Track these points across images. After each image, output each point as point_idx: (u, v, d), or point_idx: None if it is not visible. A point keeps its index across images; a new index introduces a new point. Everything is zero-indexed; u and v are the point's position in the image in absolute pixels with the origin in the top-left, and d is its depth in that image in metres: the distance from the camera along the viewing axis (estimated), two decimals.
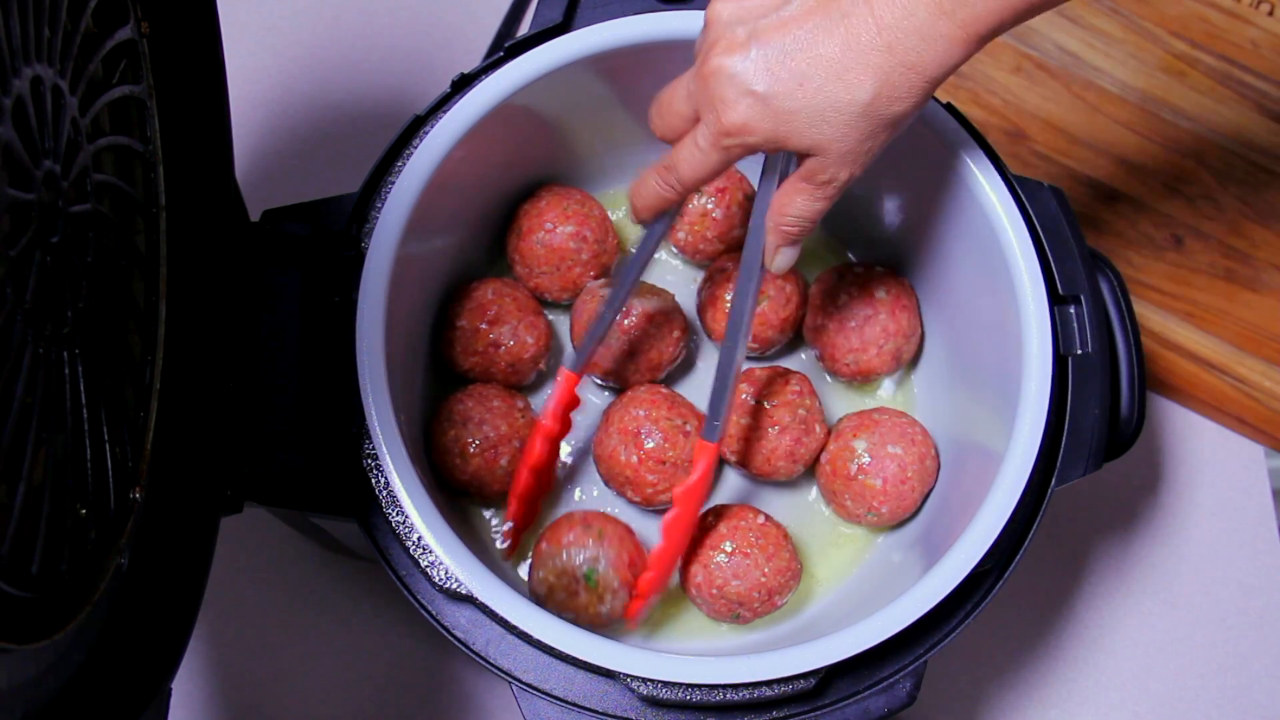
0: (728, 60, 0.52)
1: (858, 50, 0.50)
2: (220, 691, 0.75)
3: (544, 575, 0.64)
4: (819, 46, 0.51)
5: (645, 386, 0.69)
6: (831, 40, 0.50)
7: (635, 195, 0.60)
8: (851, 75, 0.50)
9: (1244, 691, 0.77)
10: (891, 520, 0.68)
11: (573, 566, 0.63)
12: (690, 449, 0.66)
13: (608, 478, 0.69)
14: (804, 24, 0.51)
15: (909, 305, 0.71)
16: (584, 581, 0.63)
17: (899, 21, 0.50)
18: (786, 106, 0.51)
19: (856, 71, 0.50)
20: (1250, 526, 0.80)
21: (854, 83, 0.51)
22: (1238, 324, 0.82)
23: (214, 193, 0.60)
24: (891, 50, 0.50)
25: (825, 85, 0.51)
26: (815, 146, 0.53)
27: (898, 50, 0.50)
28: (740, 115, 0.52)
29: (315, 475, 0.60)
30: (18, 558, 0.43)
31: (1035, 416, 0.60)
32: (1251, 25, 0.84)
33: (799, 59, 0.51)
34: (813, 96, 0.51)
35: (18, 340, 0.43)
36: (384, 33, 0.89)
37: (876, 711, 0.59)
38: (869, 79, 0.50)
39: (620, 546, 0.64)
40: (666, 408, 0.67)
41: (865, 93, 0.51)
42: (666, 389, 0.70)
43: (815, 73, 0.51)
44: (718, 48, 0.52)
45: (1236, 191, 0.83)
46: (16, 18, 0.41)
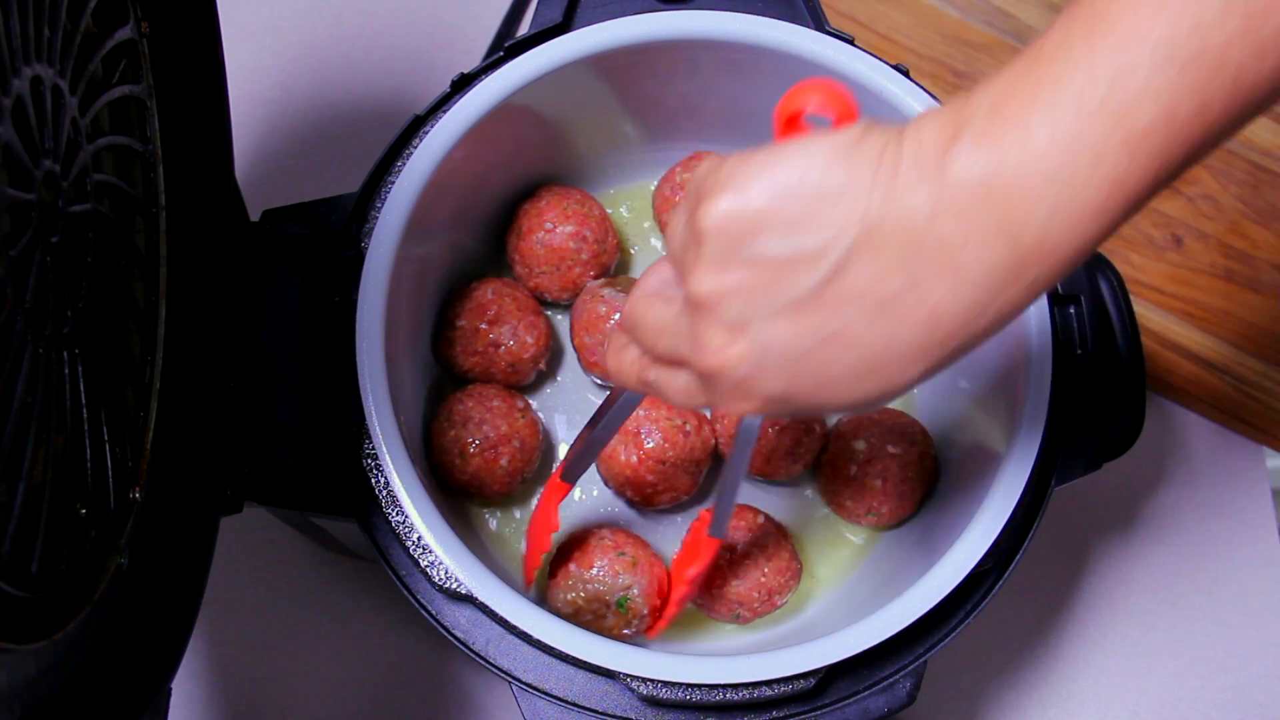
0: (729, 361, 0.41)
1: (904, 347, 0.40)
2: (220, 691, 0.75)
3: (571, 597, 0.64)
4: (850, 345, 0.40)
5: None
6: (868, 335, 0.39)
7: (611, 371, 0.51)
8: (893, 370, 0.40)
9: (1244, 691, 0.77)
10: (891, 520, 0.68)
11: (605, 593, 0.64)
12: (689, 448, 0.66)
13: (607, 478, 0.69)
14: (829, 315, 0.39)
15: None
16: (615, 607, 0.64)
17: (965, 312, 0.39)
18: (808, 403, 0.42)
19: (900, 366, 0.40)
20: (1250, 526, 0.80)
21: (894, 376, 0.40)
22: (1238, 324, 0.82)
23: (214, 193, 0.60)
24: (949, 341, 0.39)
25: (858, 383, 0.41)
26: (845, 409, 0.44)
27: (956, 340, 0.39)
28: (748, 410, 0.43)
29: (315, 475, 0.60)
30: (18, 558, 0.43)
31: (1035, 416, 0.60)
32: None
33: (823, 358, 0.40)
34: (841, 394, 0.41)
35: (18, 340, 0.43)
36: (384, 33, 0.89)
37: (876, 711, 0.59)
38: (916, 371, 0.40)
39: (651, 574, 0.65)
40: (666, 408, 0.67)
41: (905, 382, 0.41)
42: None
43: (844, 372, 0.40)
44: (713, 334, 0.42)
45: (1236, 191, 0.83)
46: (16, 18, 0.41)
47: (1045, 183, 0.37)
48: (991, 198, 0.37)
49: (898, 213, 0.38)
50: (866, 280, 0.39)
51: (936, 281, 0.38)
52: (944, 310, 0.39)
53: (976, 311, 0.39)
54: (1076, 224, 0.37)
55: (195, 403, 0.58)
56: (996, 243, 0.37)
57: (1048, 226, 0.37)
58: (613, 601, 0.64)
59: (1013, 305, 0.39)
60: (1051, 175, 0.36)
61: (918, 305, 0.39)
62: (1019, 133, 0.37)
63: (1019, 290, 0.38)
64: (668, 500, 0.67)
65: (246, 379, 0.60)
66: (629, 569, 0.65)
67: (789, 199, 0.39)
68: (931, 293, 0.38)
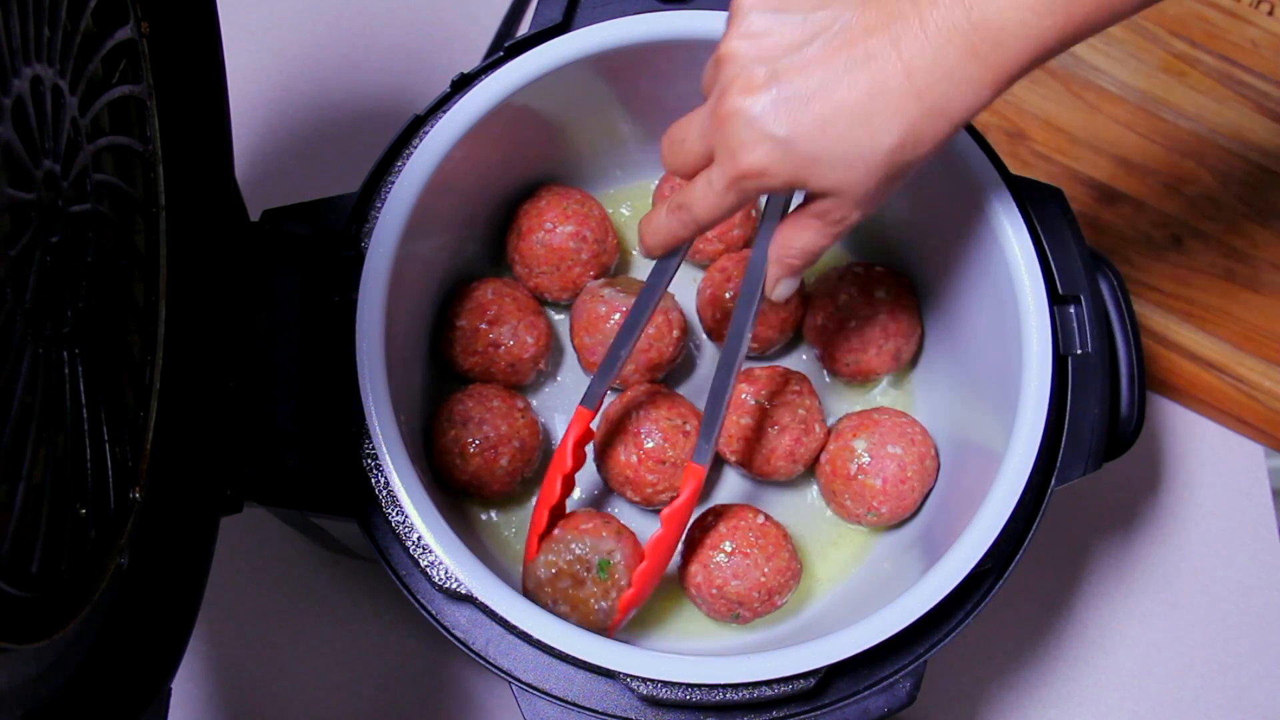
0: (745, 102, 0.50)
1: (884, 96, 0.48)
2: (220, 691, 0.75)
3: (553, 559, 0.64)
4: (843, 90, 0.48)
5: (645, 386, 0.69)
6: (856, 84, 0.48)
7: (646, 232, 0.58)
8: (877, 121, 0.49)
9: (1244, 691, 0.77)
10: (891, 520, 0.68)
11: (588, 554, 0.63)
12: (689, 448, 0.66)
13: (607, 478, 0.69)
14: (827, 66, 0.49)
15: (909, 305, 0.71)
16: (596, 571, 0.63)
17: (929, 66, 0.48)
18: (807, 151, 0.50)
19: (883, 118, 0.49)
20: (1250, 526, 0.80)
21: (879, 129, 0.49)
22: (1238, 324, 0.82)
23: (214, 193, 0.60)
24: (920, 96, 0.48)
25: (849, 131, 0.49)
26: (834, 189, 0.51)
27: (926, 96, 0.48)
28: (759, 159, 0.50)
29: (315, 475, 0.60)
30: (18, 558, 0.43)
31: (1035, 416, 0.60)
32: (1251, 25, 0.84)
33: (822, 103, 0.49)
34: (835, 142, 0.49)
35: (18, 340, 0.43)
36: (384, 33, 0.89)
37: (876, 711, 0.59)
38: (896, 125, 0.49)
39: (634, 549, 0.65)
40: (666, 407, 0.67)
41: (891, 139, 0.49)
42: (666, 389, 0.70)
43: (839, 118, 0.49)
44: (734, 87, 0.50)
45: (1236, 191, 0.83)
46: (16, 18, 0.41)
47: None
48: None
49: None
50: (859, 38, 0.49)
51: (908, 38, 0.48)
52: (914, 63, 0.48)
53: (940, 69, 0.48)
54: (1019, 12, 0.47)
55: (195, 403, 0.58)
56: (956, 10, 0.47)
57: (996, 6, 0.47)
58: (595, 564, 0.63)
59: (973, 77, 0.48)
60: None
61: (895, 58, 0.48)
62: None
63: (975, 62, 0.48)
64: (667, 500, 0.67)
65: (246, 379, 0.60)
66: (614, 535, 0.64)
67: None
68: (905, 47, 0.48)
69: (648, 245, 0.59)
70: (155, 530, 0.54)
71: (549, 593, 0.63)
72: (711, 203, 0.54)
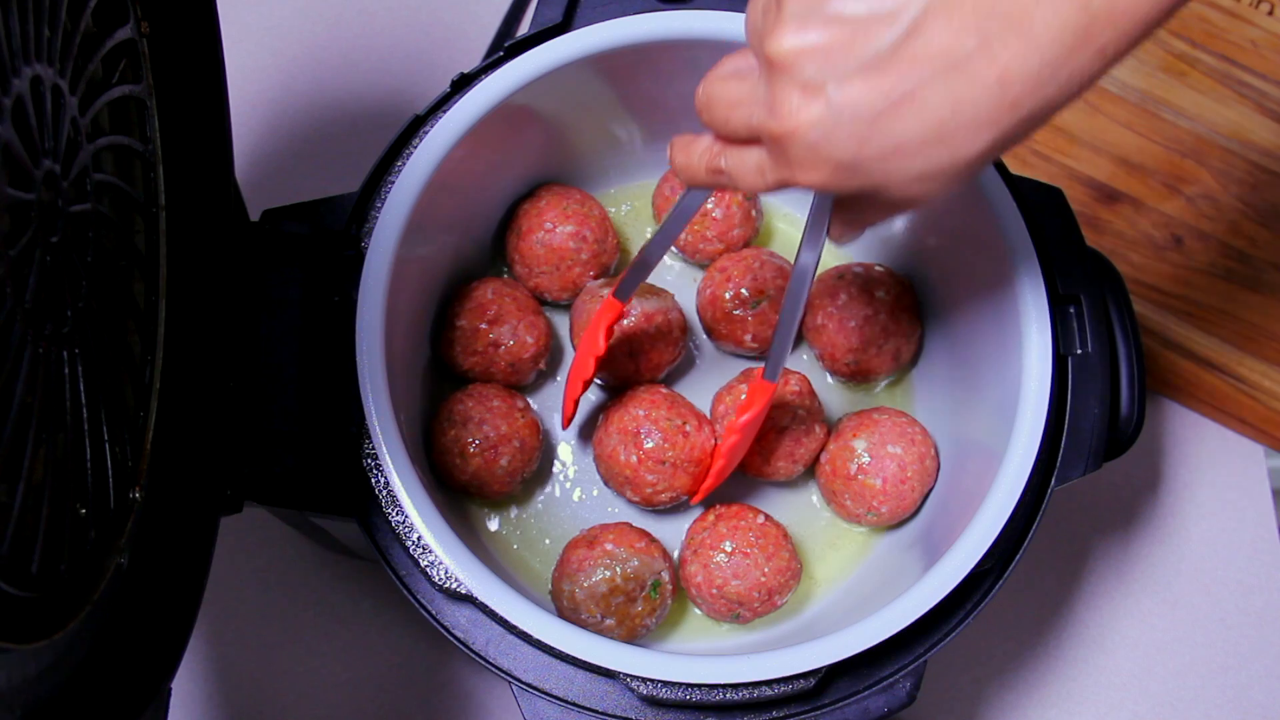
0: (801, 121, 0.42)
1: (971, 109, 0.40)
2: (220, 691, 0.75)
3: (609, 575, 0.64)
4: (919, 105, 0.40)
5: (645, 386, 0.69)
6: (936, 98, 0.40)
7: (679, 167, 0.51)
8: (960, 137, 0.41)
9: (1244, 691, 0.77)
10: (891, 520, 0.68)
11: (643, 572, 0.64)
12: (689, 448, 0.66)
13: (607, 478, 0.69)
14: (900, 73, 0.40)
15: (909, 305, 0.71)
16: (648, 590, 0.64)
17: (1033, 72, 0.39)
18: (876, 173, 0.43)
19: (968, 133, 0.41)
20: (1250, 526, 0.80)
21: (962, 145, 0.41)
22: (1238, 324, 0.82)
23: (214, 193, 0.60)
24: (1017, 106, 0.40)
25: (925, 149, 0.41)
26: (904, 202, 0.45)
27: (1025, 104, 0.40)
28: (819, 179, 0.44)
29: (315, 475, 0.60)
30: (18, 557, 0.43)
31: (1035, 416, 0.60)
32: (1251, 25, 0.84)
33: (894, 121, 0.41)
34: (909, 162, 0.42)
35: (18, 340, 0.43)
36: (384, 33, 0.89)
37: (876, 711, 0.59)
38: (984, 139, 0.41)
39: (673, 575, 0.66)
40: (666, 407, 0.67)
41: (976, 152, 0.41)
42: (666, 389, 0.70)
43: (916, 136, 0.41)
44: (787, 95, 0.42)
45: (1236, 191, 0.83)
46: (16, 17, 0.41)
47: None
48: None
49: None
50: (939, 40, 0.39)
51: (1007, 41, 0.39)
52: (1014, 71, 0.39)
53: (1046, 75, 0.39)
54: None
55: (195, 403, 0.58)
56: (1067, 3, 0.38)
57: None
58: (649, 583, 0.64)
59: (1082, 73, 0.40)
60: None
61: (988, 66, 0.39)
62: None
63: (1088, 56, 0.39)
64: (667, 500, 0.67)
65: (246, 379, 0.60)
66: (661, 555, 0.66)
67: None
68: (1002, 52, 0.39)
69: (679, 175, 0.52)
70: (155, 530, 0.54)
71: (597, 609, 0.64)
72: (758, 185, 0.47)
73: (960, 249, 0.68)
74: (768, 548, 0.65)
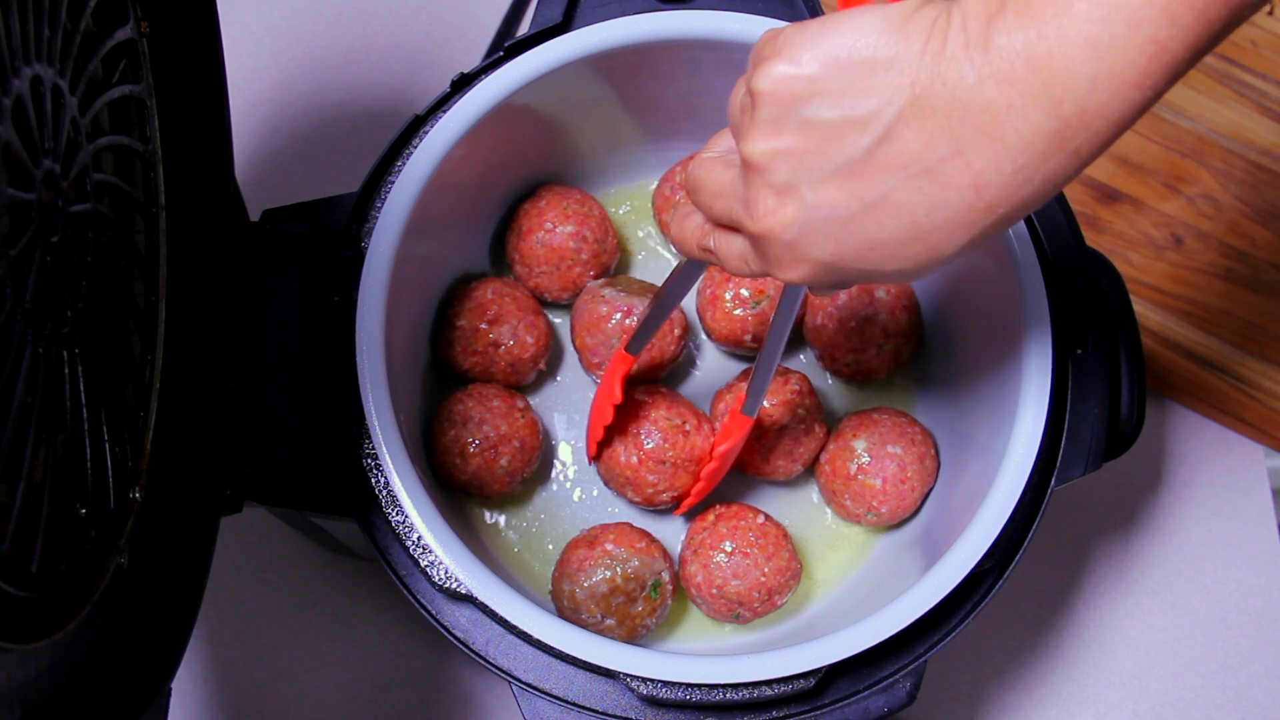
0: (779, 224, 0.43)
1: (946, 212, 0.40)
2: (220, 691, 0.75)
3: (609, 575, 0.64)
4: (893, 209, 0.41)
5: (644, 387, 0.69)
6: (912, 202, 0.40)
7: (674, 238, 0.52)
8: (937, 238, 0.41)
9: (1244, 691, 0.77)
10: (891, 520, 0.68)
11: (644, 572, 0.64)
12: (690, 448, 0.66)
13: (608, 478, 0.69)
14: (874, 177, 0.40)
15: (909, 305, 0.71)
16: (648, 590, 0.64)
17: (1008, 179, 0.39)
18: (854, 269, 0.43)
19: (944, 234, 0.41)
20: (1250, 526, 0.80)
21: (939, 245, 0.41)
22: (1238, 324, 0.82)
23: (214, 193, 0.60)
24: (992, 209, 0.40)
25: (902, 249, 0.42)
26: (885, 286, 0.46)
27: (1000, 207, 0.40)
28: (798, 276, 0.45)
29: (315, 475, 0.60)
30: (18, 557, 0.43)
31: (1035, 416, 0.60)
32: (1251, 25, 0.84)
33: (869, 223, 0.41)
34: (886, 260, 0.42)
35: (18, 340, 0.43)
36: (384, 33, 0.89)
37: (876, 711, 0.59)
38: (960, 239, 0.41)
39: (673, 576, 0.66)
40: (665, 407, 0.67)
41: (953, 250, 0.42)
42: (666, 389, 0.70)
43: (891, 238, 0.41)
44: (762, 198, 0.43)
45: (1236, 191, 0.83)
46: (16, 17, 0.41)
47: (1085, 51, 0.37)
48: (1034, 66, 0.37)
49: (945, 81, 0.39)
50: (913, 146, 0.40)
51: (981, 148, 0.39)
52: (988, 177, 0.39)
53: (1021, 179, 0.39)
54: (1118, 91, 0.38)
55: (195, 403, 0.58)
56: (1039, 110, 0.38)
57: (1089, 94, 0.37)
58: (649, 583, 0.64)
59: (1057, 174, 0.39)
60: (1091, 43, 0.37)
61: (962, 171, 0.39)
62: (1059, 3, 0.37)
63: (1063, 159, 0.39)
64: (668, 500, 0.67)
65: (246, 379, 0.60)
66: (661, 555, 0.66)
67: (842, 66, 0.40)
68: (976, 159, 0.39)
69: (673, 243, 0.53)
70: (155, 530, 0.54)
71: (600, 606, 0.64)
72: (744, 273, 0.48)
73: None
74: (768, 548, 0.65)
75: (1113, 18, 0.37)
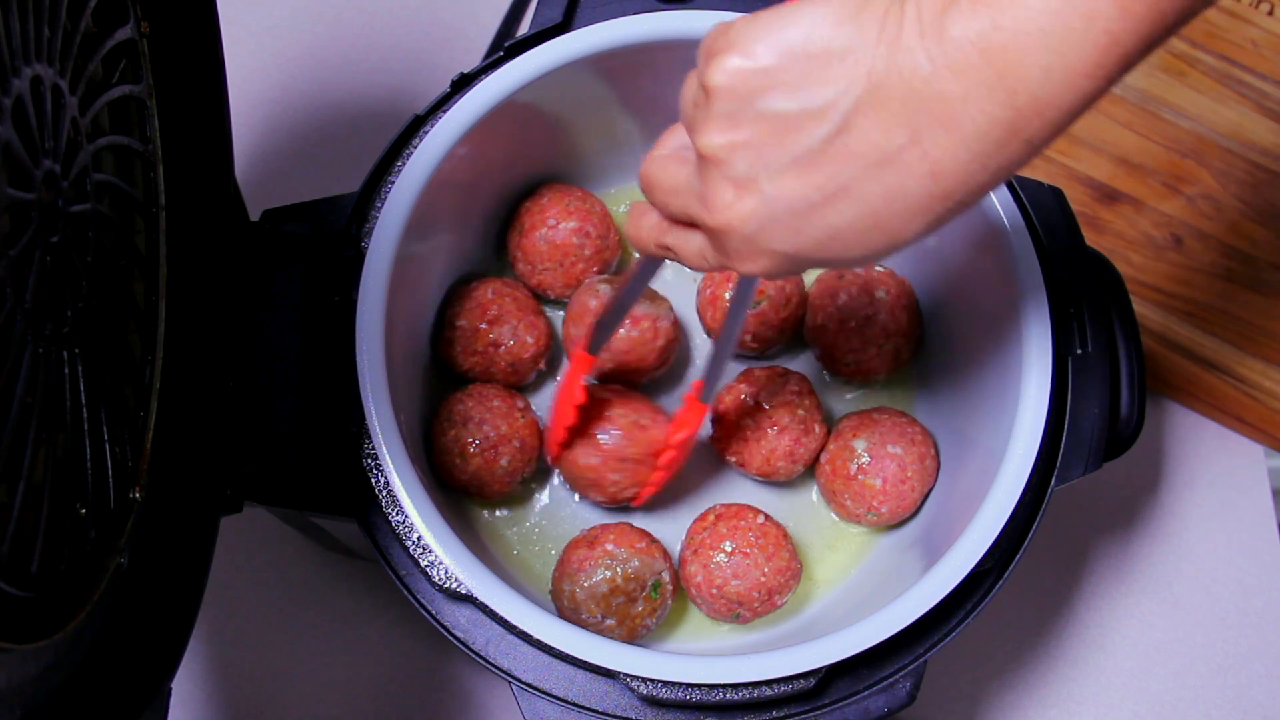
0: (737, 217, 0.43)
1: (903, 200, 0.40)
2: (220, 691, 0.75)
3: (610, 575, 0.64)
4: (854, 199, 0.41)
5: (599, 386, 0.69)
6: (870, 191, 0.41)
7: (631, 237, 0.53)
8: (895, 225, 0.41)
9: (1244, 691, 0.77)
10: (891, 520, 0.68)
11: (644, 572, 0.64)
12: (650, 442, 0.66)
13: (572, 483, 0.69)
14: (831, 167, 0.41)
15: (909, 305, 0.71)
16: (648, 590, 0.64)
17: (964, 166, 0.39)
18: (813, 258, 0.43)
19: (901, 221, 0.41)
20: (1250, 526, 0.80)
21: (897, 231, 0.42)
22: (1238, 324, 0.82)
23: (214, 193, 0.60)
24: (949, 196, 0.40)
25: (860, 238, 0.42)
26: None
27: (957, 194, 0.40)
28: (758, 268, 0.45)
29: (315, 475, 0.60)
30: (18, 557, 0.43)
31: (1035, 416, 0.60)
32: (1251, 25, 0.84)
33: (829, 214, 0.41)
34: (845, 249, 0.42)
35: (18, 340, 0.43)
36: (384, 33, 0.89)
37: (876, 711, 0.59)
38: (917, 226, 0.41)
39: (673, 575, 0.66)
40: (620, 404, 0.67)
41: (910, 236, 0.42)
42: (622, 386, 0.69)
43: (850, 227, 0.41)
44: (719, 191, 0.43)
45: (1236, 191, 0.83)
46: (16, 17, 0.41)
47: (1039, 41, 0.37)
48: (988, 57, 0.38)
49: (901, 71, 0.39)
50: (870, 136, 0.40)
51: (937, 137, 0.39)
52: (945, 165, 0.40)
53: (977, 166, 0.40)
54: (1071, 81, 0.38)
55: (195, 403, 0.58)
56: (994, 99, 0.38)
57: (1043, 85, 0.38)
58: (649, 583, 0.64)
59: (1011, 161, 0.40)
60: (1045, 34, 0.37)
61: (920, 160, 0.40)
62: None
63: (1017, 146, 0.39)
64: (632, 497, 0.67)
65: (246, 379, 0.60)
66: (661, 555, 0.66)
67: (796, 57, 0.40)
68: (933, 147, 0.39)
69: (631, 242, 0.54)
70: (155, 530, 0.54)
71: (601, 606, 0.64)
72: (702, 268, 0.49)
73: (960, 249, 0.68)
74: (768, 548, 0.65)
75: (1066, 10, 0.37)
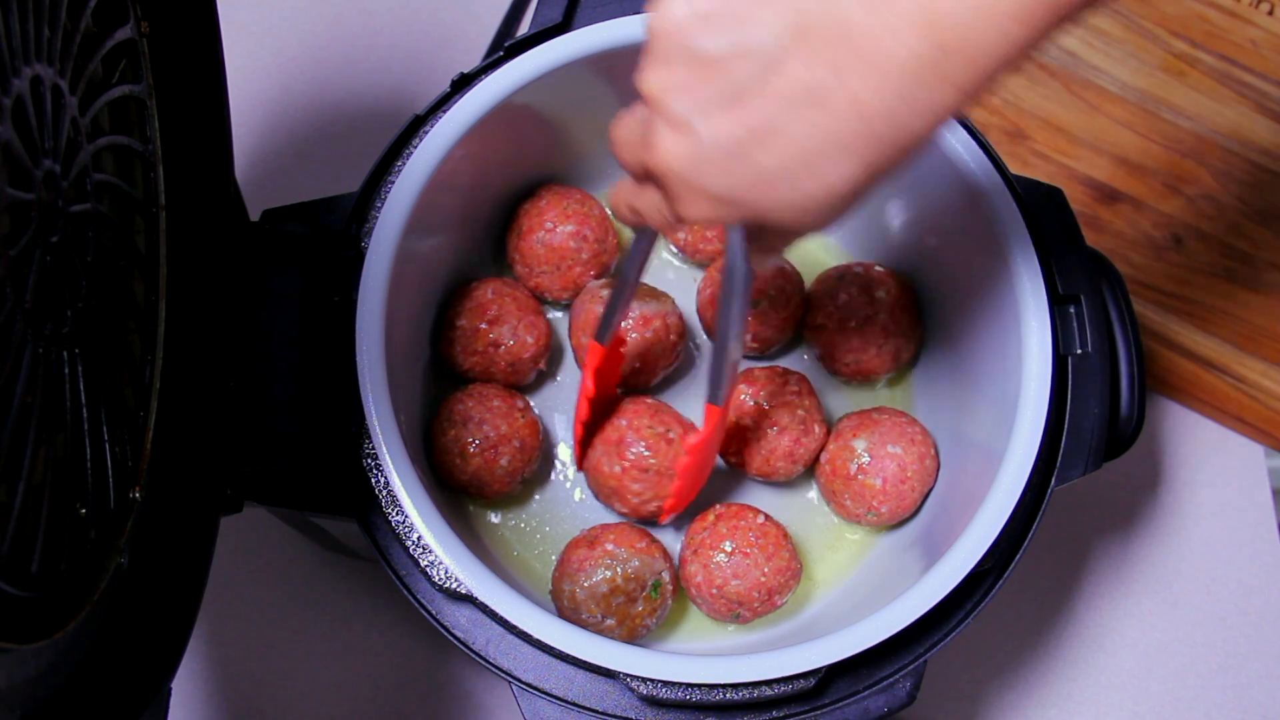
0: (673, 157, 0.44)
1: (832, 138, 0.41)
2: (220, 691, 0.75)
3: (610, 575, 0.64)
4: (781, 138, 0.42)
5: (630, 398, 0.69)
6: (796, 130, 0.41)
7: (614, 211, 0.55)
8: (826, 167, 0.42)
9: (1244, 691, 0.77)
10: (891, 520, 0.68)
11: (644, 572, 0.64)
12: (674, 455, 0.66)
13: (595, 490, 0.69)
14: (761, 107, 0.41)
15: (909, 305, 0.71)
16: (648, 590, 0.64)
17: (889, 103, 0.40)
18: (750, 202, 0.44)
19: (832, 163, 0.42)
20: (1250, 526, 0.80)
21: (829, 174, 0.42)
22: (1238, 324, 0.82)
23: (214, 193, 0.60)
24: (878, 136, 0.41)
25: (793, 180, 0.43)
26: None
27: (886, 134, 0.41)
28: (701, 212, 0.46)
29: (315, 475, 0.60)
30: (18, 557, 0.43)
31: (1035, 416, 0.60)
32: (1251, 25, 0.84)
33: (757, 153, 0.42)
34: (780, 192, 0.43)
35: (18, 340, 0.43)
36: (384, 33, 0.89)
37: (876, 711, 0.59)
38: (848, 168, 0.42)
39: (673, 576, 0.66)
40: (649, 416, 0.67)
41: (843, 182, 0.42)
42: (651, 399, 0.69)
43: (781, 167, 0.42)
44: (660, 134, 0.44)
45: (1236, 191, 0.83)
46: (16, 17, 0.41)
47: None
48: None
49: (829, 10, 0.40)
50: (799, 74, 0.41)
51: (863, 75, 0.40)
52: (868, 102, 0.40)
53: (899, 103, 0.40)
54: (1000, 25, 0.39)
55: (195, 403, 0.58)
56: (916, 34, 0.39)
57: (971, 26, 0.39)
58: (649, 583, 0.64)
59: (940, 104, 0.41)
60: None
61: (844, 97, 0.40)
62: None
63: (943, 89, 0.40)
64: (655, 510, 0.67)
65: (246, 379, 0.60)
66: (661, 555, 0.65)
67: None
68: (861, 87, 0.40)
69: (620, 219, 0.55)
70: (155, 530, 0.54)
71: (601, 606, 0.64)
72: (662, 225, 0.50)
73: (960, 249, 0.68)
74: (768, 548, 0.65)
75: None
